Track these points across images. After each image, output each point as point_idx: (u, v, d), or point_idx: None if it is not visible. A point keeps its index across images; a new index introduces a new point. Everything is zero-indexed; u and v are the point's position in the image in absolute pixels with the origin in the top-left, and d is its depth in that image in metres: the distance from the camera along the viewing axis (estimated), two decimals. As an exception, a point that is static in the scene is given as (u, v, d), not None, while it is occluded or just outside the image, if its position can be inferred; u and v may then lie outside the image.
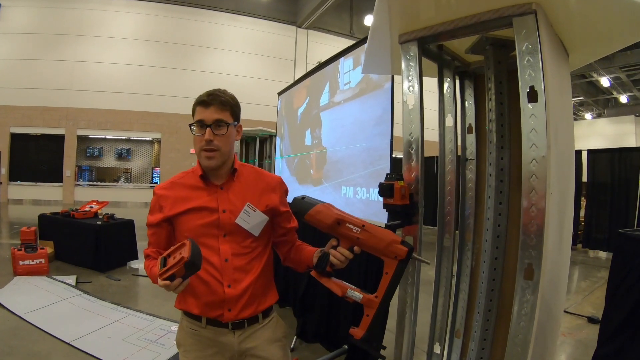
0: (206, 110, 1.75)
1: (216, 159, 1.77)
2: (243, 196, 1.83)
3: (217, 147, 1.75)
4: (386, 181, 2.00)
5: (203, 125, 1.74)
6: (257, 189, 1.88)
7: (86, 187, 18.25)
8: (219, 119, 1.75)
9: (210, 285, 1.74)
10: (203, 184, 1.83)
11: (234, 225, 1.78)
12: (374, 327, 1.66)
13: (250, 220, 1.80)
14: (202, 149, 1.75)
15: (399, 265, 1.62)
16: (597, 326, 4.93)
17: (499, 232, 2.14)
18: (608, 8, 1.64)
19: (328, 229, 1.68)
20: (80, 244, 7.02)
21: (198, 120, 1.75)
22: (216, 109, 1.75)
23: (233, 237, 1.79)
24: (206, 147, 1.74)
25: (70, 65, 17.16)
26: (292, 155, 5.96)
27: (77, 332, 4.19)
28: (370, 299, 1.65)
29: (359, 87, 4.01)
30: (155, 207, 1.84)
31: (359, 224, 1.64)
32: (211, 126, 1.73)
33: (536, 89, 1.57)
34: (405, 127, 2.00)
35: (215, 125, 1.74)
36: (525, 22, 1.62)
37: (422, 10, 1.85)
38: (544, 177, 1.55)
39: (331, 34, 21.77)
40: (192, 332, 1.82)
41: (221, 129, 1.76)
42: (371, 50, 2.31)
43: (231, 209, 1.79)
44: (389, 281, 1.63)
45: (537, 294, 1.59)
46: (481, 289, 2.18)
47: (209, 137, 1.73)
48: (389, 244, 1.62)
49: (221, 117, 1.76)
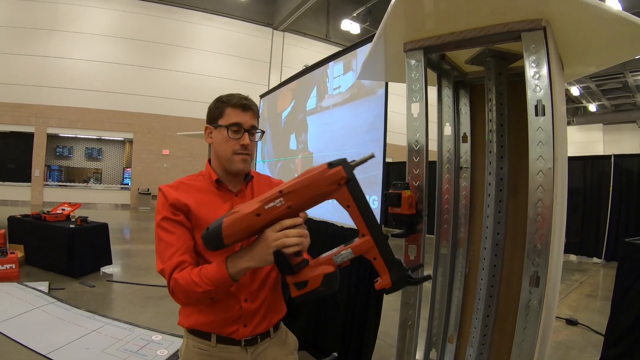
0: (244, 114, 1.68)
1: (248, 164, 1.72)
2: None
3: (250, 152, 1.71)
4: (393, 190, 1.99)
5: (240, 128, 1.67)
6: None
7: (55, 188, 17.81)
8: (254, 126, 1.72)
9: (226, 299, 1.60)
10: (216, 189, 1.72)
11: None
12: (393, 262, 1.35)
13: None
14: (235, 152, 1.66)
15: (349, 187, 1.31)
16: (575, 328, 5.12)
17: (498, 240, 2.18)
18: (606, 25, 1.69)
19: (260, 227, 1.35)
20: (52, 248, 6.78)
21: (235, 123, 1.66)
22: (253, 115, 1.71)
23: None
24: (242, 151, 1.67)
25: (42, 61, 16.68)
26: (274, 160, 5.95)
27: (53, 344, 4.03)
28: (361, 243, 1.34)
29: (350, 93, 4.03)
30: (164, 203, 1.63)
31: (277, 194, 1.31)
32: (248, 131, 1.68)
33: (544, 102, 1.62)
34: (410, 136, 2.02)
35: (250, 131, 1.70)
36: (534, 37, 1.66)
37: (431, 19, 1.88)
38: (550, 188, 1.60)
39: (307, 37, 21.84)
40: (200, 351, 1.66)
41: (254, 136, 1.73)
42: (370, 58, 2.33)
43: None
44: (357, 211, 1.32)
45: (542, 300, 1.63)
46: (479, 295, 2.22)
47: (247, 141, 1.67)
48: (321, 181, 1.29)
49: (256, 123, 1.73)
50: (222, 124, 1.67)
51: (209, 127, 1.75)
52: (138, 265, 7.81)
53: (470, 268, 2.50)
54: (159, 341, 4.19)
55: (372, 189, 3.28)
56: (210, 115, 1.74)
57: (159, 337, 4.28)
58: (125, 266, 7.73)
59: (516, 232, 2.17)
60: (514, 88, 2.15)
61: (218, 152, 1.71)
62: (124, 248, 9.49)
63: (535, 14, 1.66)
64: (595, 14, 1.61)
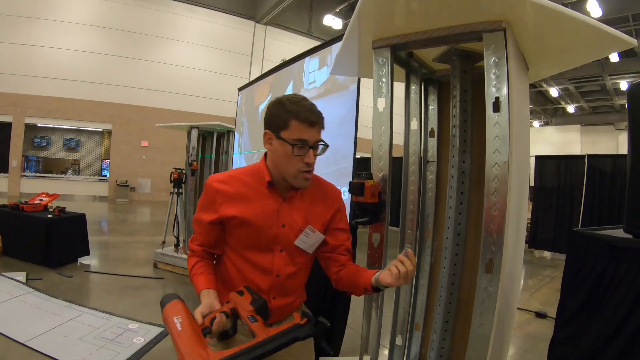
0: (311, 129, 1.56)
1: (310, 181, 1.66)
2: (305, 212, 1.71)
3: (313, 168, 1.64)
4: (356, 179, 2.07)
5: (305, 145, 1.56)
6: (319, 205, 1.76)
7: (32, 179, 17.58)
8: (320, 140, 1.61)
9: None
10: (267, 189, 1.67)
11: (292, 243, 1.68)
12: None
13: (308, 241, 1.71)
14: (300, 170, 1.58)
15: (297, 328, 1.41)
16: (544, 321, 5.26)
17: (460, 230, 2.29)
18: (566, 29, 1.78)
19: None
20: (29, 239, 6.70)
21: (301, 140, 1.55)
22: (319, 129, 1.60)
23: (288, 253, 1.69)
24: (306, 169, 1.59)
25: (21, 49, 16.33)
26: (251, 152, 5.99)
27: (31, 332, 4.04)
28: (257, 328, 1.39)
29: (324, 87, 4.10)
30: (208, 203, 1.68)
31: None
32: (313, 147, 1.58)
33: (501, 99, 1.72)
34: (375, 129, 2.12)
35: (315, 146, 1.60)
36: (494, 38, 1.76)
37: (397, 18, 1.97)
38: (505, 180, 1.70)
39: (289, 31, 21.81)
40: None
41: (318, 150, 1.63)
42: (342, 54, 2.41)
43: (291, 224, 1.67)
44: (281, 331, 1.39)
45: (497, 286, 1.73)
46: (442, 283, 2.33)
47: (311, 160, 1.59)
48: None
49: (320, 138, 1.62)
50: (286, 138, 1.55)
51: (269, 133, 1.62)
52: (115, 256, 7.82)
53: (435, 258, 2.61)
54: (136, 329, 4.23)
55: (343, 181, 3.34)
56: (272, 121, 1.61)
57: (136, 326, 4.31)
58: (102, 257, 7.71)
59: (479, 223, 2.27)
60: (480, 86, 2.24)
61: (279, 164, 1.63)
62: (102, 239, 9.45)
63: (496, 15, 1.76)
64: (553, 16, 1.70)
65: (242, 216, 1.62)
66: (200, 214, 1.70)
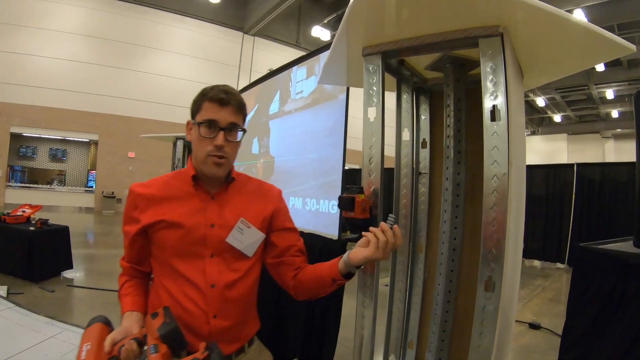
0: (222, 109, 1.48)
1: (224, 168, 1.53)
2: (238, 210, 1.58)
3: (228, 154, 1.52)
4: (347, 194, 1.94)
5: (215, 126, 1.48)
6: (254, 202, 1.64)
7: (18, 189, 17.30)
8: (234, 123, 1.51)
9: (193, 315, 1.46)
10: (194, 187, 1.56)
11: (224, 244, 1.52)
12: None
13: (244, 239, 1.55)
14: (209, 154, 1.48)
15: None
16: (538, 332, 5.20)
17: (455, 246, 2.19)
18: (565, 34, 1.71)
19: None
20: (11, 251, 6.53)
21: (209, 120, 1.48)
22: (233, 110, 1.51)
23: (222, 258, 1.52)
24: (216, 152, 1.48)
25: (6, 57, 16.10)
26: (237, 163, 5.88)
27: (10, 350, 3.88)
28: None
29: (312, 97, 4.02)
30: (129, 211, 1.57)
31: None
32: (225, 130, 1.49)
33: (499, 108, 1.62)
34: (366, 141, 1.99)
35: (229, 129, 1.50)
36: (491, 43, 1.67)
37: (388, 24, 1.87)
38: (504, 193, 1.60)
39: (277, 42, 21.83)
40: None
41: (234, 135, 1.53)
42: (331, 62, 2.32)
43: (222, 224, 1.53)
44: None
45: (497, 304, 1.63)
46: (437, 300, 2.23)
47: (222, 142, 1.48)
48: None
49: (237, 120, 1.53)
50: (197, 120, 1.51)
51: (189, 122, 1.58)
52: (100, 270, 7.64)
53: (429, 273, 2.51)
54: (118, 347, 4.09)
55: (331, 194, 3.26)
56: (191, 109, 1.57)
57: (118, 344, 4.18)
58: (87, 271, 7.55)
59: (474, 237, 2.18)
60: (473, 95, 2.16)
61: (193, 151, 1.55)
62: (87, 252, 9.26)
63: (493, 20, 1.67)
64: (553, 21, 1.62)
65: (164, 218, 1.50)
66: (124, 226, 1.58)
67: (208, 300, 1.47)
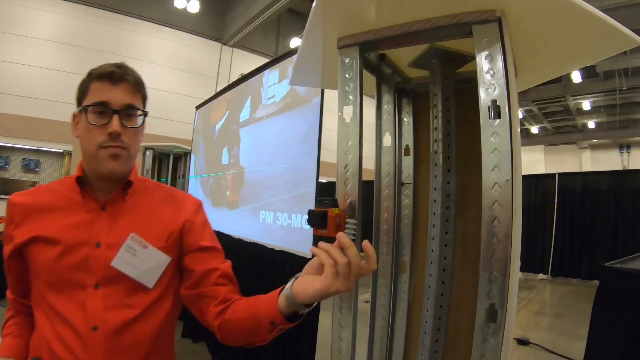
0: (114, 88, 1.16)
1: (123, 162, 1.17)
2: (135, 223, 1.20)
3: (127, 144, 1.17)
4: (317, 207, 1.46)
5: (107, 109, 1.15)
6: (159, 214, 1.26)
7: (-13, 202, 16.61)
8: (131, 104, 1.18)
9: None
10: (79, 195, 1.19)
11: (112, 270, 1.13)
12: None
13: (139, 263, 1.15)
14: (101, 145, 1.14)
15: None
16: (527, 348, 5.07)
17: (445, 266, 1.90)
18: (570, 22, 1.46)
19: None
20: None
21: (99, 102, 1.15)
22: (129, 88, 1.19)
23: (110, 289, 1.13)
24: (111, 142, 1.14)
25: (-19, 65, 15.38)
26: (207, 175, 5.60)
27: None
28: None
29: (284, 102, 3.74)
30: (5, 227, 1.20)
31: None
32: (120, 113, 1.15)
33: (499, 103, 1.36)
34: (341, 145, 1.65)
35: (125, 112, 1.17)
36: (487, 30, 1.42)
37: (367, 10, 1.58)
38: (507, 204, 1.33)
39: (256, 53, 21.59)
40: None
41: (133, 120, 1.19)
42: (302, 59, 2.03)
43: (111, 243, 1.15)
44: None
45: (501, 338, 1.35)
46: (425, 328, 1.93)
47: (117, 127, 1.14)
48: None
49: (134, 101, 1.19)
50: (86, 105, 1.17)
51: (75, 114, 1.24)
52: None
53: (414, 296, 2.21)
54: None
55: (304, 207, 2.96)
56: (76, 96, 1.24)
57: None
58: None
59: (465, 253, 1.92)
60: (462, 96, 1.91)
61: (82, 147, 1.20)
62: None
63: (488, 3, 1.41)
64: (556, 4, 1.38)
65: (38, 234, 1.13)
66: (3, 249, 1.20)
67: (89, 347, 1.07)
